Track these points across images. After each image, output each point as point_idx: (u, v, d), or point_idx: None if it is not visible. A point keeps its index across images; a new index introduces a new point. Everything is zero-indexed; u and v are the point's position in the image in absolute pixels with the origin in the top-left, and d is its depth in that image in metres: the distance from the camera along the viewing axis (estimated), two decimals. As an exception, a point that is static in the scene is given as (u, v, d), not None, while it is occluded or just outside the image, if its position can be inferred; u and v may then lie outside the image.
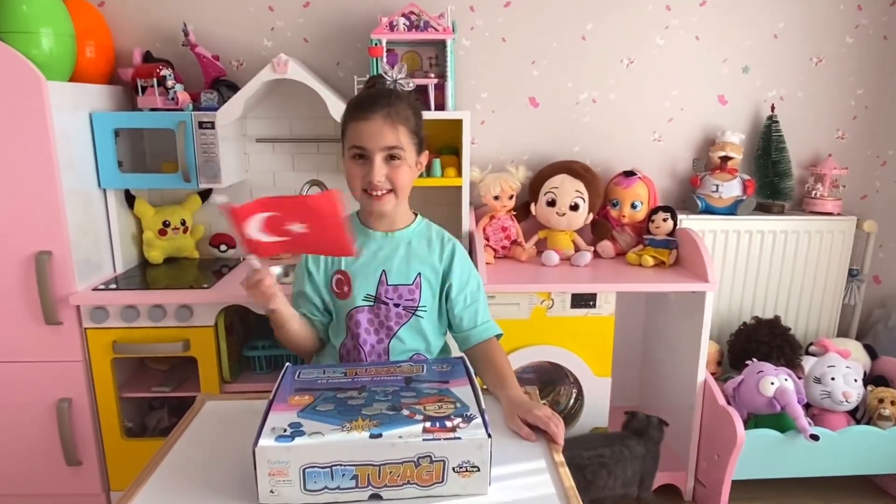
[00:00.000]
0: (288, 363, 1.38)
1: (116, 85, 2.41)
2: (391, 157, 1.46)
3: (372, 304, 1.54)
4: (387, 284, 1.54)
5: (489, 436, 1.06)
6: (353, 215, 1.62)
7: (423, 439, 1.04)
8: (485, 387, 1.50)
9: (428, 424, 1.08)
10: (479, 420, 1.10)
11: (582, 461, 1.98)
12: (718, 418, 2.20)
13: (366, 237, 1.57)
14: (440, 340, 1.64)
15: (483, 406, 1.15)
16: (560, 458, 1.22)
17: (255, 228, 1.31)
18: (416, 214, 1.63)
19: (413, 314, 1.55)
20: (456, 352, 1.65)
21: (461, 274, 1.58)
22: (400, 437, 1.05)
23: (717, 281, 2.16)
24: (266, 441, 1.03)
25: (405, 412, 1.13)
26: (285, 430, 1.07)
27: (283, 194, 1.59)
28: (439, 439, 1.05)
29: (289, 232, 1.31)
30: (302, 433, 1.06)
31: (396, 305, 1.54)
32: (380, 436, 1.05)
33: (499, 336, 1.61)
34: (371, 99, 1.48)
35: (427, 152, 1.58)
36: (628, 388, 2.77)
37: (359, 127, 1.45)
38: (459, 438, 1.05)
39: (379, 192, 1.47)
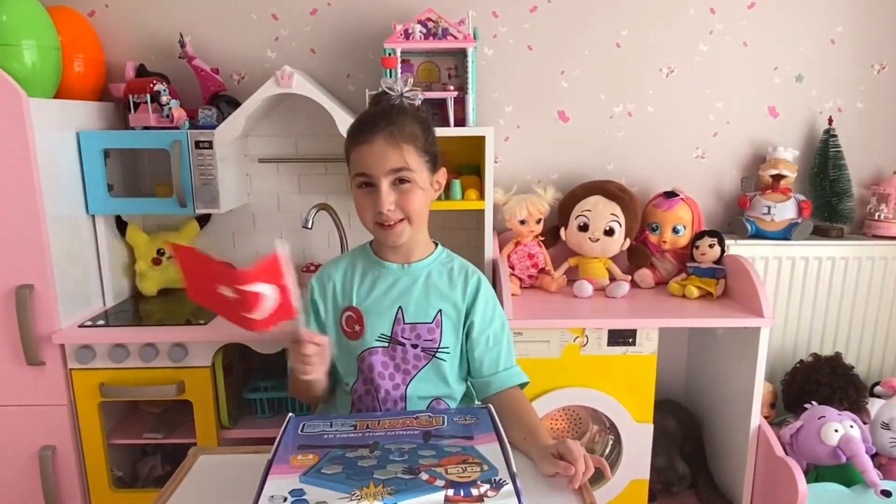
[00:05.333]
0: (291, 414, 1.33)
1: (108, 102, 2.39)
2: (400, 182, 1.40)
3: (387, 344, 1.48)
4: (403, 323, 1.48)
5: (523, 507, 0.99)
6: (366, 246, 1.57)
7: (445, 512, 0.98)
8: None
9: (450, 492, 1.02)
10: (510, 486, 1.04)
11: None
12: (775, 470, 2.11)
13: (379, 270, 1.52)
14: (463, 386, 1.58)
15: (514, 469, 1.08)
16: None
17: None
18: (436, 244, 1.58)
19: (433, 356, 1.49)
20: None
21: (485, 311, 1.52)
22: (418, 509, 0.98)
23: (773, 315, 2.07)
24: (263, 514, 0.97)
25: (424, 476, 1.07)
26: (285, 500, 1.01)
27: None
28: (464, 512, 0.98)
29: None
30: (304, 503, 1.00)
31: (414, 346, 1.48)
32: (395, 507, 0.98)
33: (523, 385, 1.54)
34: (371, 119, 1.43)
35: (444, 170, 1.52)
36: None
37: (361, 152, 1.40)
38: (487, 511, 0.98)
39: (391, 222, 1.41)
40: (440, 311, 1.49)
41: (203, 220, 2.53)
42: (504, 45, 2.50)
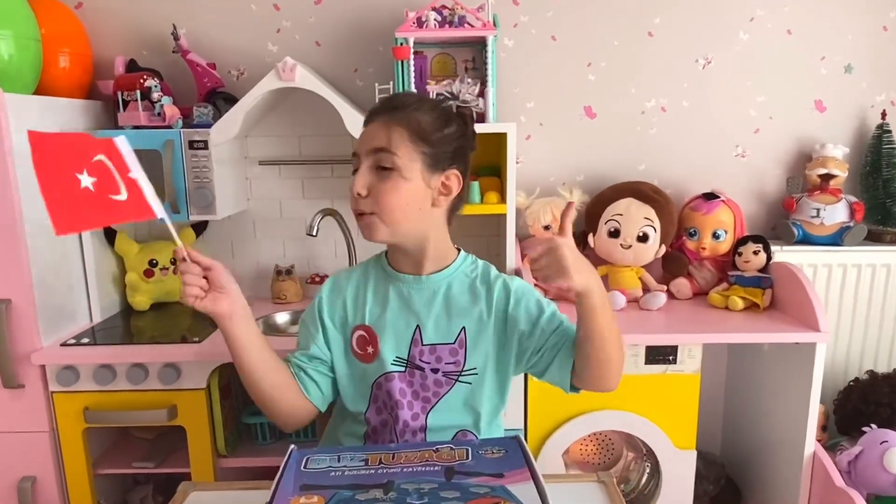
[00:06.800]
0: (293, 446, 1.21)
1: (96, 100, 2.29)
2: (380, 168, 1.26)
3: (403, 369, 1.34)
4: (422, 344, 1.35)
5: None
6: (381, 256, 1.44)
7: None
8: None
9: (480, 546, 0.89)
10: (550, 538, 0.91)
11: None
12: (833, 502, 1.96)
13: (393, 284, 1.38)
14: (494, 414, 1.44)
15: (553, 514, 0.95)
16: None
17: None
18: (458, 250, 1.43)
19: (456, 381, 1.35)
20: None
21: (527, 308, 1.36)
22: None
23: (829, 329, 1.93)
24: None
25: (448, 524, 0.94)
26: (284, 556, 0.88)
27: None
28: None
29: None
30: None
31: (434, 371, 1.35)
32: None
33: None
34: (380, 103, 1.34)
35: (456, 172, 1.34)
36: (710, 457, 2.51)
37: (361, 134, 1.32)
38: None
39: (358, 210, 1.29)
40: (463, 328, 1.35)
41: (199, 227, 2.43)
42: (525, 36, 2.39)
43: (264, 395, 1.32)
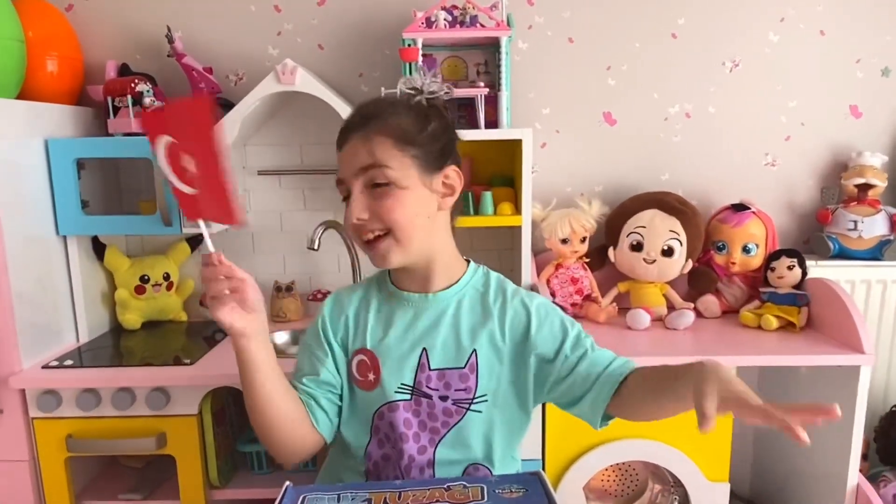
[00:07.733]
0: (288, 483, 1.11)
1: (87, 106, 2.21)
2: (373, 185, 1.17)
3: (409, 397, 1.22)
4: (429, 369, 1.23)
5: None
6: (384, 273, 1.33)
7: None
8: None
9: None
10: None
11: None
12: (881, 540, 1.83)
13: (396, 303, 1.27)
14: (510, 444, 1.32)
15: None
16: None
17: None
18: (468, 262, 1.33)
19: (467, 409, 1.24)
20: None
21: (550, 330, 1.25)
22: None
23: (874, 351, 1.81)
24: None
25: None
26: None
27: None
28: None
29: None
30: None
31: (443, 399, 1.23)
32: None
33: None
34: (350, 119, 1.23)
35: (454, 168, 1.25)
36: (738, 492, 2.39)
37: (339, 159, 1.23)
38: None
39: (369, 236, 1.19)
40: (474, 351, 1.24)
41: (194, 241, 2.33)
42: (541, 38, 2.30)
43: (271, 425, 1.21)
